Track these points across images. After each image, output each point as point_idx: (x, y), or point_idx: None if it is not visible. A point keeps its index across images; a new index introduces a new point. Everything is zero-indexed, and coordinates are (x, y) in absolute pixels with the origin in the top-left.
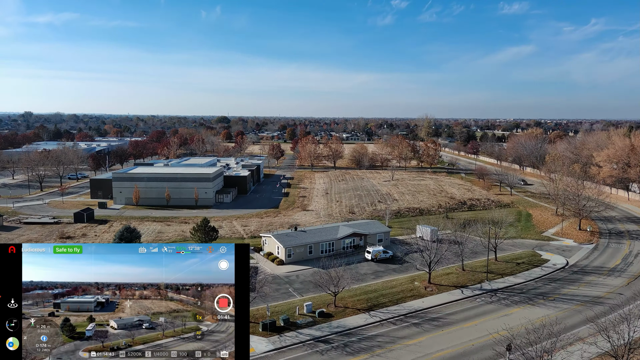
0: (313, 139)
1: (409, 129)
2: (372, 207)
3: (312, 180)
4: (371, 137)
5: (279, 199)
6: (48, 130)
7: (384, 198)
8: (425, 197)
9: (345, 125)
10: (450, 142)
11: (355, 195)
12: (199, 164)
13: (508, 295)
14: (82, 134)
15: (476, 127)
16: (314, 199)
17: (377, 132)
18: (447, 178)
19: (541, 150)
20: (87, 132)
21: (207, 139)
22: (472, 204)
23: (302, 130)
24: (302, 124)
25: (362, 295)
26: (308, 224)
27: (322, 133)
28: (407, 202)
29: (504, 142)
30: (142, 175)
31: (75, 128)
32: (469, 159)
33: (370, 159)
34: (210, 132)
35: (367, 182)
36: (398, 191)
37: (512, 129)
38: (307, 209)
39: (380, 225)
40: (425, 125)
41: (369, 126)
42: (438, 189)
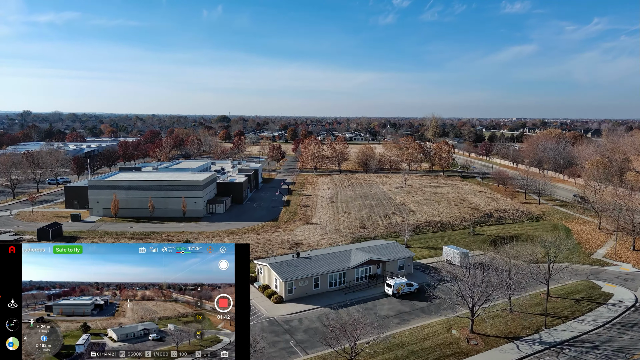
0: (316, 140)
1: (413, 128)
2: (386, 221)
3: (315, 186)
4: (376, 137)
5: (278, 209)
6: (40, 130)
7: (398, 209)
8: (446, 208)
9: (347, 125)
10: (458, 142)
11: (365, 205)
12: (190, 169)
13: (579, 353)
14: (73, 134)
15: (481, 126)
16: (318, 208)
17: (380, 131)
18: (465, 184)
19: (564, 152)
20: (79, 132)
21: (204, 140)
22: (500, 216)
23: (303, 130)
24: (304, 124)
25: (387, 354)
26: (312, 243)
27: (324, 133)
28: (426, 214)
29: (514, 142)
30: (122, 183)
31: (71, 127)
32: (481, 160)
33: (378, 162)
34: (208, 132)
35: (377, 188)
36: (413, 200)
37: (518, 129)
38: (311, 221)
39: (399, 247)
40: (432, 125)
41: (372, 126)
42: (458, 198)
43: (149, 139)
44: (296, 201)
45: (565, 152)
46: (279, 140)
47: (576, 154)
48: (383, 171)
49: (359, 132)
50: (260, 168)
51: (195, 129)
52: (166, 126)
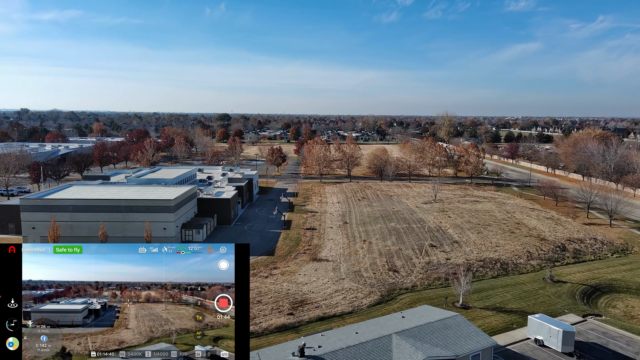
0: (322, 141)
1: (421, 127)
2: (424, 258)
3: (322, 198)
4: (384, 137)
5: (276, 234)
6: (22, 129)
7: (435, 237)
8: (500, 237)
9: (353, 124)
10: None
11: (390, 231)
12: (166, 180)
13: None
14: (54, 134)
15: (490, 125)
16: (328, 233)
17: (387, 130)
18: (508, 198)
19: (615, 157)
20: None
21: (198, 140)
22: (575, 248)
23: (307, 129)
24: (307, 122)
25: None
26: (322, 299)
27: (329, 132)
28: (476, 248)
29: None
30: (65, 203)
31: (57, 126)
32: (507, 164)
33: (395, 167)
34: (204, 132)
35: (399, 203)
36: (452, 223)
37: (530, 128)
38: (319, 255)
39: (467, 327)
40: (445, 124)
41: (378, 124)
42: (510, 220)
43: (136, 139)
44: (299, 221)
45: (617, 156)
46: (281, 140)
47: (635, 159)
48: (401, 178)
49: (365, 131)
50: (255, 176)
51: (192, 127)
52: (164, 124)
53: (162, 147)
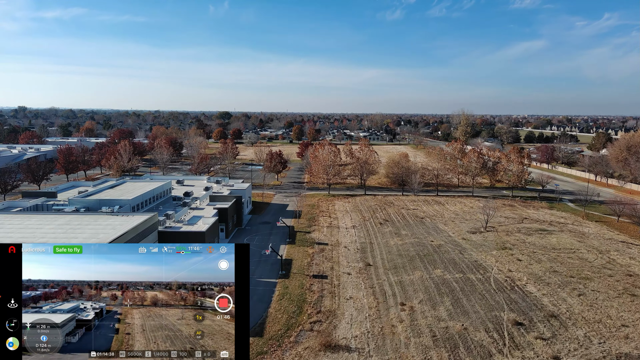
0: (330, 144)
1: (430, 125)
2: (513, 354)
3: (332, 220)
4: (395, 137)
5: (269, 288)
6: (2, 129)
7: (514, 302)
8: (616, 303)
9: (358, 122)
10: (492, 143)
11: (438, 285)
12: (122, 201)
13: None
14: (28, 134)
15: (501, 124)
16: (346, 288)
17: (396, 129)
18: (578, 222)
19: None
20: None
21: (190, 141)
22: None
23: (311, 128)
24: (311, 120)
25: None
26: None
27: (334, 131)
28: (591, 329)
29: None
30: None
31: (55, 124)
32: (542, 169)
33: (421, 176)
34: (197, 131)
35: (436, 230)
36: (528, 272)
37: (544, 127)
38: (334, 339)
39: None
40: (462, 123)
41: (386, 122)
42: (611, 266)
43: (118, 140)
44: (303, 261)
45: None
46: (283, 141)
47: None
48: (426, 190)
49: (373, 130)
50: (247, 190)
51: (189, 126)
52: (160, 123)
53: (148, 150)
